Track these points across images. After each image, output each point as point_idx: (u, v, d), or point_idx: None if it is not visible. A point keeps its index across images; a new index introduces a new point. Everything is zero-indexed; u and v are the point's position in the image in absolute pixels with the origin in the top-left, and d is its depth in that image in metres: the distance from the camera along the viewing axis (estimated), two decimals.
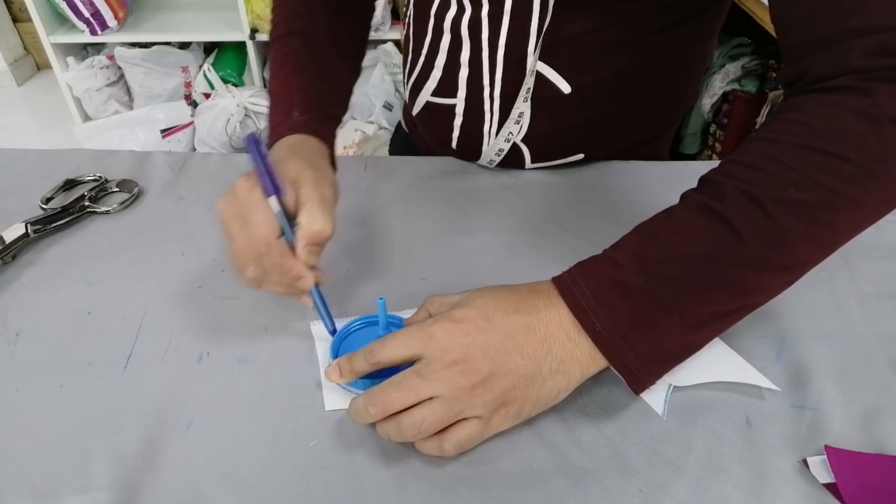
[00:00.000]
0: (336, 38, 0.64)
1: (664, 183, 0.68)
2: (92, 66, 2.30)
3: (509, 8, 0.59)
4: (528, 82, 0.62)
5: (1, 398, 0.46)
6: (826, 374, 0.47)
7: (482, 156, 0.70)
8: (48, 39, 2.24)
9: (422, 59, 0.69)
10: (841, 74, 0.40)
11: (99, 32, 2.25)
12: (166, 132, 2.20)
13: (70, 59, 2.34)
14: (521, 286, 0.43)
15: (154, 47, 2.30)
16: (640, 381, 0.41)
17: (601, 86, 0.63)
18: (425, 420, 0.39)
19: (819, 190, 0.38)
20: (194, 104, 2.30)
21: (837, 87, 0.40)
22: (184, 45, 2.39)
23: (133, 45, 2.32)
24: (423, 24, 0.67)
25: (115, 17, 2.25)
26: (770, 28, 1.65)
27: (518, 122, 0.65)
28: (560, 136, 0.67)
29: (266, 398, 0.45)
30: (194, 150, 2.20)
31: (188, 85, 2.39)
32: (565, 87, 0.62)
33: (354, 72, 0.68)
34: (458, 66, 0.65)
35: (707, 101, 2.02)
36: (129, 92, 2.44)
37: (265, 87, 2.40)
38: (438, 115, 0.70)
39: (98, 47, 2.44)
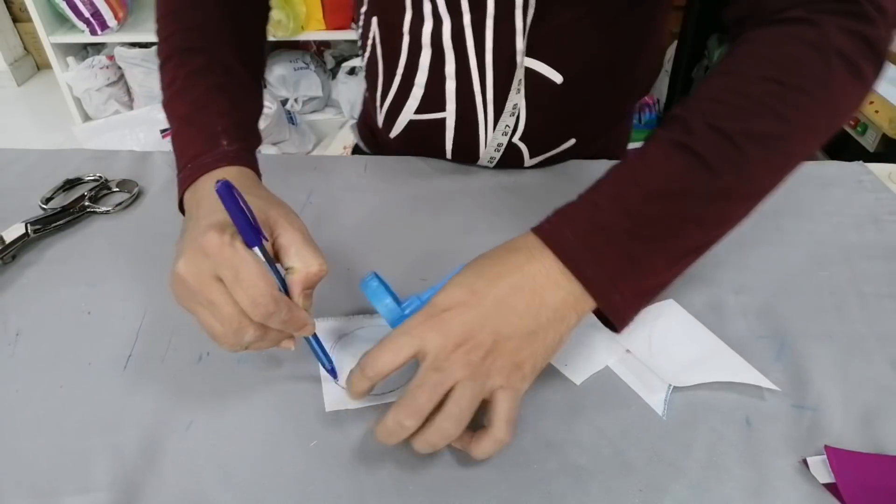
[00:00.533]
0: (242, 53, 0.57)
1: None
2: (92, 66, 2.30)
3: (492, 12, 0.58)
4: (519, 74, 0.62)
5: (1, 398, 0.46)
6: (826, 374, 0.47)
7: (480, 157, 0.70)
8: (48, 39, 2.24)
9: (397, 79, 0.66)
10: (793, 6, 0.42)
11: (99, 32, 2.25)
12: (166, 132, 2.19)
13: (70, 59, 2.34)
14: (496, 249, 0.42)
15: (154, 47, 2.30)
16: (623, 320, 0.41)
17: (588, 71, 0.63)
18: (459, 406, 0.37)
19: (779, 121, 0.40)
20: None
21: (790, 18, 0.42)
22: None
23: (133, 45, 2.32)
24: (394, 43, 0.64)
25: (115, 17, 2.25)
26: None
27: (513, 114, 0.65)
28: (554, 125, 0.67)
29: (266, 398, 0.45)
30: None
31: None
32: (557, 78, 0.62)
33: (261, 89, 0.62)
34: (443, 80, 0.63)
35: None
36: (129, 92, 2.44)
37: (265, 86, 2.39)
38: (426, 131, 0.68)
39: (98, 47, 2.44)
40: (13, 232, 0.59)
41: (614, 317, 0.40)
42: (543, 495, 0.39)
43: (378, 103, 0.71)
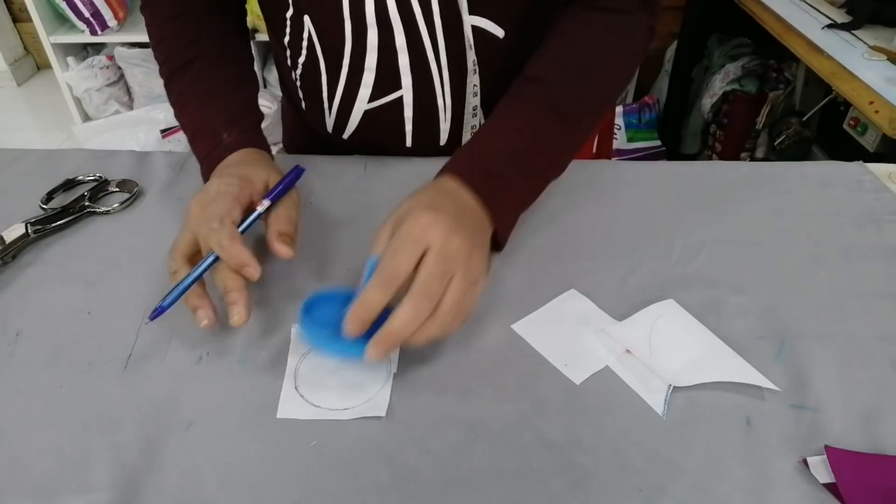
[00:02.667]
0: (229, 49, 0.65)
1: (664, 183, 0.68)
2: (92, 66, 2.30)
3: None
4: (467, 30, 0.62)
5: (1, 398, 0.46)
6: (826, 374, 0.47)
7: (441, 136, 0.69)
8: (48, 39, 2.24)
9: (345, 70, 0.65)
10: None
11: (99, 32, 2.25)
12: (166, 132, 2.20)
13: (70, 59, 2.34)
14: (424, 191, 0.51)
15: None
16: (506, 231, 0.54)
17: (527, 23, 0.64)
18: (454, 297, 0.44)
19: (612, 86, 0.61)
20: None
21: (612, 8, 0.59)
22: None
23: (133, 45, 2.32)
24: (335, 33, 0.63)
25: (115, 17, 2.25)
26: (770, 28, 1.65)
27: (476, 95, 0.66)
28: (507, 83, 0.66)
29: (266, 398, 0.45)
30: None
31: None
32: (499, 32, 0.63)
33: (252, 69, 0.69)
34: (394, 56, 0.63)
35: (707, 101, 2.02)
36: (129, 92, 2.44)
37: (265, 86, 2.39)
38: (383, 118, 0.68)
39: (98, 47, 2.44)
40: (13, 232, 0.59)
41: (502, 231, 0.53)
42: (543, 495, 0.40)
43: (325, 105, 0.70)
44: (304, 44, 0.66)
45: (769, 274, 0.56)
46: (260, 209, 0.52)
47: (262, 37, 2.24)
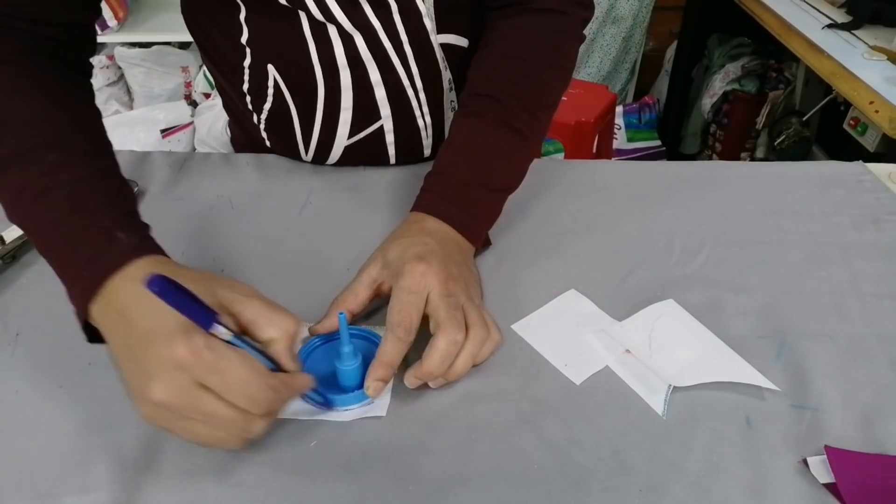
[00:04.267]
0: (90, 136, 0.49)
1: (664, 183, 0.68)
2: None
3: (395, 6, 0.58)
4: (438, 51, 0.63)
5: (1, 398, 0.46)
6: (826, 374, 0.47)
7: (425, 150, 0.70)
8: None
9: (319, 112, 0.64)
10: None
11: (99, 32, 2.24)
12: (166, 132, 2.20)
13: None
14: (405, 231, 0.53)
15: (154, 47, 2.29)
16: (478, 240, 0.56)
17: (482, 29, 0.64)
18: (477, 316, 0.47)
19: (557, 94, 0.61)
20: (194, 104, 2.30)
21: (547, 9, 0.59)
22: (184, 45, 2.38)
23: (133, 45, 2.32)
24: (304, 80, 0.62)
25: (115, 17, 2.25)
26: (770, 28, 1.65)
27: (454, 109, 0.67)
28: None
29: None
30: (194, 150, 2.20)
31: (188, 85, 2.39)
32: (463, 43, 0.64)
33: (103, 131, 0.51)
34: (370, 91, 0.63)
35: (707, 101, 2.02)
36: (129, 92, 2.43)
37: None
38: (365, 147, 0.68)
39: (98, 47, 2.44)
40: (13, 232, 0.58)
41: (478, 245, 0.56)
42: (543, 495, 0.39)
43: (301, 146, 0.68)
44: (270, 91, 0.64)
45: (769, 274, 0.56)
46: (227, 336, 0.38)
47: None
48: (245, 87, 0.66)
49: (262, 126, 0.69)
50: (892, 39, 1.37)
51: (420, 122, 0.67)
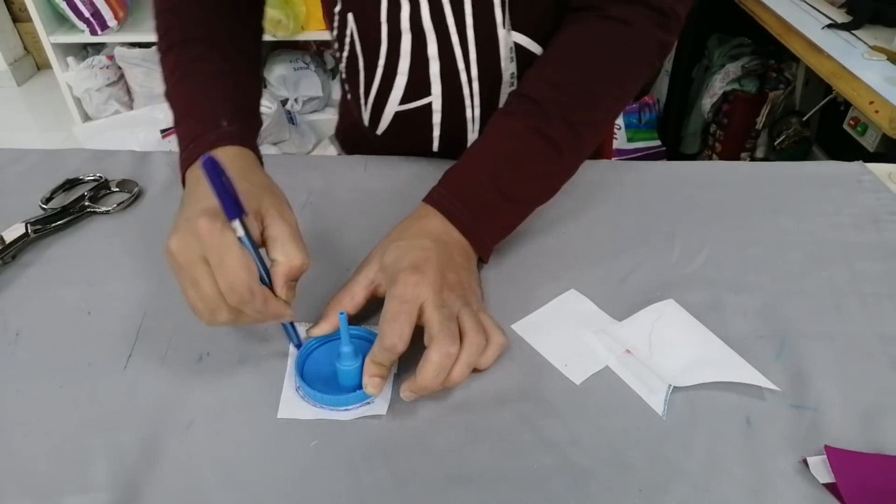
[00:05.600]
0: (240, 43, 0.61)
1: (664, 183, 0.68)
2: (92, 66, 2.30)
3: None
4: (509, 42, 0.62)
5: (1, 398, 0.46)
6: (826, 374, 0.47)
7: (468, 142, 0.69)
8: (48, 39, 2.24)
9: (380, 70, 0.65)
10: (620, 4, 0.55)
11: (99, 32, 2.24)
12: (166, 132, 2.20)
13: (70, 59, 2.34)
14: (408, 228, 0.52)
15: (154, 47, 2.29)
16: (487, 252, 0.54)
17: None
18: (472, 323, 0.45)
19: (607, 112, 0.58)
20: None
21: (618, 18, 0.55)
22: None
23: (133, 45, 2.32)
24: (372, 34, 0.63)
25: (115, 17, 2.25)
26: (770, 28, 1.65)
27: (512, 84, 0.65)
28: None
29: (266, 398, 0.45)
30: None
31: None
32: (537, 49, 0.63)
33: (260, 79, 0.65)
34: (426, 64, 0.63)
35: (707, 101, 2.02)
36: (129, 92, 2.43)
37: (265, 87, 2.39)
38: (413, 121, 0.68)
39: (98, 47, 2.44)
40: (13, 232, 0.59)
41: (485, 255, 0.54)
42: (543, 495, 0.40)
43: (362, 101, 0.70)
44: (347, 40, 0.67)
45: (769, 274, 0.56)
46: (240, 232, 0.43)
47: (263, 37, 2.24)
48: (334, 33, 0.69)
49: (341, 75, 0.73)
50: (892, 39, 1.37)
51: (469, 112, 0.66)
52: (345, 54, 0.69)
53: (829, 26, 1.46)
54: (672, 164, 0.72)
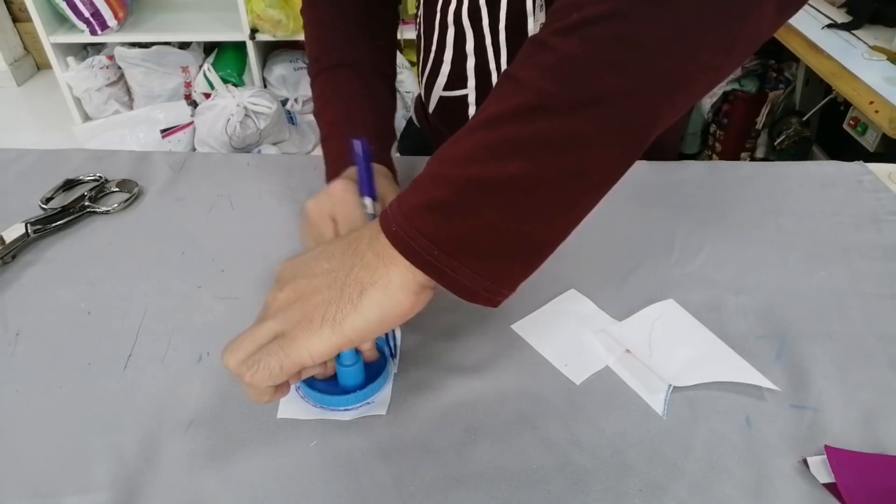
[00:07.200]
0: (378, 62, 0.68)
1: (664, 183, 0.68)
2: (92, 66, 2.30)
3: None
4: None
5: (1, 398, 0.46)
6: (826, 374, 0.47)
7: None
8: (48, 39, 2.24)
9: (432, 55, 0.70)
10: None
11: (99, 32, 2.25)
12: (166, 132, 2.20)
13: (70, 59, 2.34)
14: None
15: (154, 47, 2.30)
16: (471, 289, 0.35)
17: None
18: (242, 339, 0.37)
19: (595, 2, 0.33)
20: (194, 104, 2.30)
21: None
22: (184, 45, 2.39)
23: (133, 45, 2.32)
24: (431, 22, 0.68)
25: (115, 17, 2.25)
26: None
27: None
28: None
29: None
30: (194, 150, 2.20)
31: (188, 85, 2.39)
32: None
33: (394, 90, 0.71)
34: (465, 57, 0.67)
35: (707, 101, 2.02)
36: (129, 92, 2.44)
37: (265, 86, 2.39)
38: (453, 108, 0.71)
39: (98, 47, 2.44)
40: (13, 232, 0.59)
41: (452, 284, 0.35)
42: (543, 495, 0.39)
43: (420, 79, 0.76)
44: (418, 21, 0.73)
45: (769, 274, 0.56)
46: (370, 210, 0.51)
47: (262, 37, 2.24)
48: (418, 13, 0.73)
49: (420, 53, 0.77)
50: (892, 39, 1.37)
51: None
52: (417, 31, 0.75)
53: (829, 26, 1.46)
54: (672, 164, 0.72)
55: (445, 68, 0.69)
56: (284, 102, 2.36)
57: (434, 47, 0.69)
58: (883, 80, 1.24)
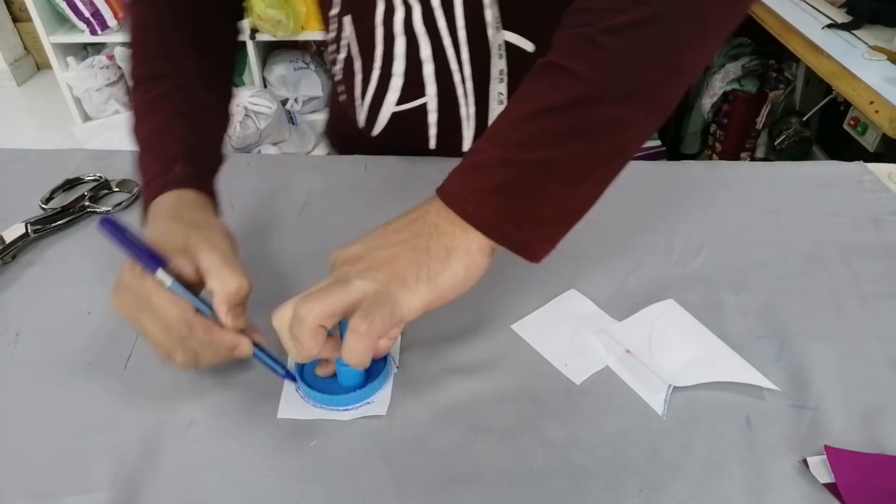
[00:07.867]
0: (207, 74, 0.59)
1: (664, 183, 0.68)
2: (92, 66, 2.30)
3: None
4: (498, 39, 0.62)
5: (1, 398, 0.46)
6: (826, 374, 0.47)
7: (464, 139, 0.69)
8: (48, 39, 2.24)
9: (376, 72, 0.66)
10: None
11: (99, 32, 2.25)
12: None
13: (70, 59, 2.34)
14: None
15: None
16: (531, 250, 0.42)
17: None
18: (323, 294, 0.39)
19: (639, 7, 0.39)
20: None
21: None
22: None
23: None
24: (368, 37, 0.64)
25: (115, 16, 2.25)
26: (770, 28, 1.65)
27: (502, 80, 0.66)
28: None
29: (266, 398, 0.45)
30: None
31: None
32: (529, 47, 0.63)
33: (228, 113, 0.62)
34: (419, 65, 0.64)
35: (707, 101, 2.02)
36: (128, 92, 2.43)
37: (265, 86, 2.39)
38: (409, 122, 0.69)
39: (98, 47, 2.44)
40: (13, 232, 0.59)
41: (516, 249, 0.42)
42: (543, 495, 0.39)
43: (358, 102, 0.71)
44: (344, 43, 0.68)
45: (769, 274, 0.56)
46: (168, 282, 0.43)
47: (262, 37, 2.24)
48: (330, 35, 0.69)
49: (336, 78, 0.73)
50: (892, 39, 1.37)
51: (463, 109, 0.67)
52: (341, 56, 0.70)
53: (829, 26, 1.46)
54: (672, 164, 0.72)
55: (396, 81, 0.66)
56: (284, 102, 2.36)
57: (378, 63, 0.65)
58: (883, 80, 1.24)
